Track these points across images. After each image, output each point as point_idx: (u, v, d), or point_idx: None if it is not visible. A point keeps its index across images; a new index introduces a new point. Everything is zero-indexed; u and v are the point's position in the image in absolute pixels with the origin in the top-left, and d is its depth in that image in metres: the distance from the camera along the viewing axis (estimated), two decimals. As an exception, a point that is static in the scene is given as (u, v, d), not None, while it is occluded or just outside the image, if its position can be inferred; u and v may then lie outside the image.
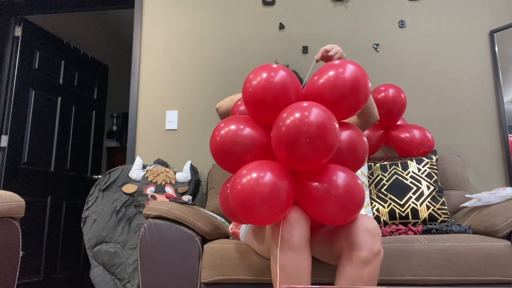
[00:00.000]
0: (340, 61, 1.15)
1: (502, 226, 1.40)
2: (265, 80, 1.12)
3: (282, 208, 1.06)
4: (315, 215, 1.11)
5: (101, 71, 3.66)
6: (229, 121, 1.19)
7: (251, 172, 1.06)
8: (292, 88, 1.13)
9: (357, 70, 1.12)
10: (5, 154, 2.70)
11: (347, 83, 1.10)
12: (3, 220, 1.24)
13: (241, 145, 1.14)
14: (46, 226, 2.94)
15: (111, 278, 2.01)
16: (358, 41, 2.41)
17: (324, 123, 1.02)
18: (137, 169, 2.19)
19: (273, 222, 1.08)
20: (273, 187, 1.04)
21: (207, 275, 1.41)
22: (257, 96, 1.12)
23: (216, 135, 1.17)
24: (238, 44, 2.50)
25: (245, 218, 1.07)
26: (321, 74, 1.15)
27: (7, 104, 2.77)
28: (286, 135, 1.03)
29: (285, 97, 1.12)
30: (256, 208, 1.03)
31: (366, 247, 1.11)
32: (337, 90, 1.11)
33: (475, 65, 2.30)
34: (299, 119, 1.02)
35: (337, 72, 1.12)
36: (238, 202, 1.05)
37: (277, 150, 1.08)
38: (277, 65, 1.16)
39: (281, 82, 1.11)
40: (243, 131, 1.15)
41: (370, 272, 1.11)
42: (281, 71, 1.13)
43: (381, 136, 2.06)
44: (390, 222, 1.82)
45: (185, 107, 2.47)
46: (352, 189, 1.07)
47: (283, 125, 1.04)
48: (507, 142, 2.17)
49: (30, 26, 2.96)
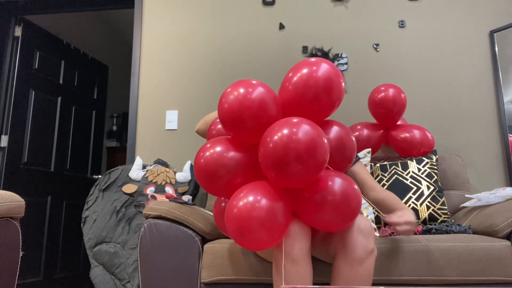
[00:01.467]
0: (316, 59, 1.12)
1: (502, 226, 1.40)
2: (243, 97, 1.07)
3: (280, 231, 1.04)
4: (313, 223, 1.10)
5: (101, 71, 3.66)
6: (215, 142, 1.15)
7: (246, 197, 1.03)
8: (271, 103, 1.09)
9: (331, 69, 1.10)
10: (5, 154, 2.70)
11: (319, 82, 1.08)
12: (3, 220, 1.24)
13: (226, 168, 1.10)
14: (46, 226, 2.94)
15: (111, 278, 2.01)
16: (358, 41, 2.41)
17: (314, 139, 0.99)
18: (137, 169, 2.19)
19: (271, 246, 1.07)
20: (269, 210, 1.01)
21: (207, 275, 1.41)
22: (233, 115, 1.07)
23: (201, 156, 1.13)
24: (238, 44, 2.50)
25: (243, 244, 1.04)
26: (295, 71, 1.12)
27: (7, 104, 2.77)
28: (274, 154, 0.99)
29: (266, 114, 1.08)
30: (253, 233, 1.01)
31: (360, 247, 1.12)
32: (310, 90, 1.08)
33: (475, 65, 2.30)
34: (287, 136, 0.98)
35: (311, 71, 1.09)
36: (235, 228, 1.03)
37: (266, 170, 1.04)
38: (253, 81, 1.12)
39: (260, 99, 1.07)
40: (228, 153, 1.11)
41: (365, 271, 1.13)
42: (259, 87, 1.09)
43: (381, 136, 2.06)
44: (390, 222, 1.82)
45: (185, 107, 2.47)
46: (348, 194, 1.06)
47: (270, 143, 1.00)
48: (507, 142, 2.17)
49: (30, 26, 2.96)
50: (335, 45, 2.42)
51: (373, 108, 2.01)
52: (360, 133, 2.05)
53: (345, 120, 2.31)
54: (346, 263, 1.13)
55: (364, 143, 2.03)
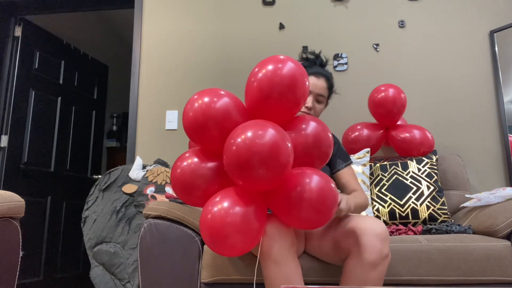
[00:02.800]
0: (284, 57, 1.12)
1: (502, 226, 1.40)
2: (206, 107, 1.09)
3: (255, 236, 1.04)
4: (291, 222, 1.08)
5: (101, 71, 3.66)
6: (192, 152, 1.16)
7: (220, 203, 1.03)
8: (234, 111, 1.10)
9: (295, 67, 1.09)
10: (5, 154, 2.70)
11: (284, 80, 1.07)
12: (3, 220, 1.24)
13: (203, 178, 1.11)
14: (46, 226, 2.94)
15: (111, 278, 2.01)
16: (358, 41, 2.41)
17: (276, 142, 0.98)
18: (137, 169, 2.19)
19: (246, 251, 1.06)
20: (244, 216, 1.01)
21: (207, 275, 1.41)
22: (197, 123, 1.09)
23: (178, 166, 1.14)
24: (238, 44, 2.50)
25: (218, 250, 1.04)
26: (260, 67, 1.12)
27: (7, 104, 2.77)
28: (236, 158, 0.98)
29: (229, 120, 1.09)
30: (228, 239, 1.00)
31: (375, 251, 1.11)
32: (275, 87, 1.07)
33: (475, 65, 2.30)
34: (250, 139, 0.98)
35: (275, 68, 1.08)
36: (209, 236, 1.03)
37: (232, 176, 1.03)
38: (224, 91, 1.14)
39: (224, 108, 1.09)
40: (205, 163, 1.12)
41: (378, 275, 1.12)
42: (225, 98, 1.11)
43: (381, 136, 2.06)
44: (390, 222, 1.82)
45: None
46: (324, 191, 1.04)
47: (232, 147, 1.00)
48: (507, 142, 2.17)
49: (30, 26, 2.96)
50: (335, 45, 2.42)
51: (373, 108, 2.01)
52: (360, 133, 2.05)
53: (345, 120, 2.31)
54: (359, 265, 1.12)
55: (364, 143, 2.03)
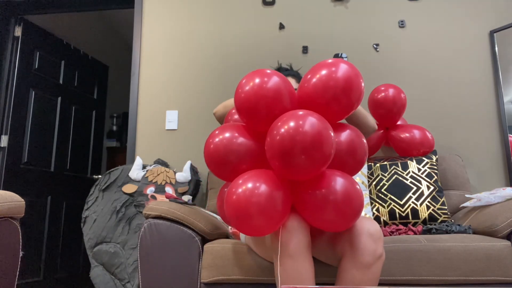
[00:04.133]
0: (333, 60, 1.12)
1: (502, 226, 1.40)
2: (258, 86, 1.09)
3: (278, 218, 1.04)
4: (314, 222, 1.09)
5: (101, 71, 3.66)
6: (223, 129, 1.17)
7: (246, 182, 1.03)
8: (286, 94, 1.10)
9: (350, 69, 1.10)
10: (5, 154, 2.70)
11: (339, 83, 1.08)
12: (3, 220, 1.24)
13: (236, 154, 1.11)
14: (46, 226, 2.94)
15: (111, 278, 2.01)
16: (358, 41, 2.41)
17: (320, 132, 0.99)
18: (137, 169, 2.19)
19: (270, 232, 1.07)
20: (269, 197, 1.01)
21: (207, 275, 1.41)
22: (249, 103, 1.09)
23: (210, 142, 1.15)
24: (238, 44, 2.50)
25: (241, 229, 1.05)
26: (313, 73, 1.12)
27: (7, 104, 2.77)
28: (280, 145, 1.00)
29: (279, 104, 1.09)
30: (252, 219, 1.01)
31: (368, 251, 1.11)
32: (329, 90, 1.08)
33: (475, 65, 2.30)
34: (294, 128, 0.99)
35: (330, 72, 1.09)
36: (233, 213, 1.03)
37: (271, 160, 1.05)
38: (271, 70, 1.13)
39: (275, 89, 1.08)
40: (237, 139, 1.12)
41: (372, 276, 1.11)
42: (275, 77, 1.10)
43: (381, 136, 2.06)
44: (390, 222, 1.82)
45: (185, 107, 2.47)
46: (351, 194, 1.05)
47: (277, 135, 1.01)
48: (507, 142, 2.17)
49: (30, 26, 2.96)
50: (335, 45, 2.42)
51: (373, 108, 2.01)
52: (360, 133, 2.05)
53: (345, 120, 2.31)
54: (353, 267, 1.12)
55: (364, 143, 2.03)
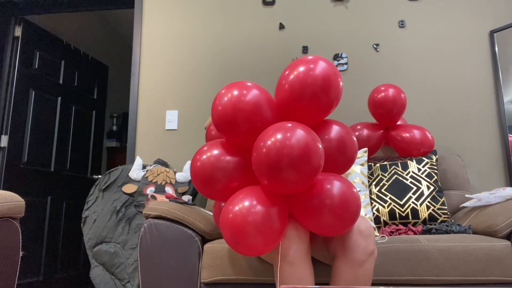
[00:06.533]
0: (313, 57, 1.08)
1: (502, 226, 1.40)
2: (236, 99, 1.04)
3: (276, 236, 1.03)
4: (311, 227, 1.08)
5: (101, 71, 3.66)
6: (212, 145, 1.13)
7: (242, 202, 1.01)
8: (266, 106, 1.06)
9: (328, 67, 1.06)
10: (5, 154, 2.70)
11: (317, 81, 1.04)
12: (3, 220, 1.24)
13: (224, 172, 1.08)
14: (46, 226, 2.94)
15: (111, 278, 2.01)
16: (358, 41, 2.41)
17: (307, 144, 0.95)
18: (137, 169, 2.19)
19: (267, 252, 1.05)
20: (265, 216, 0.99)
21: (207, 275, 1.41)
22: (227, 118, 1.04)
23: (197, 159, 1.11)
24: (238, 44, 2.50)
25: (238, 249, 1.03)
26: (291, 69, 1.08)
27: (7, 104, 2.77)
28: (267, 159, 0.96)
29: (260, 117, 1.05)
30: (249, 238, 0.99)
31: (360, 249, 1.12)
32: (308, 88, 1.04)
33: (475, 65, 2.30)
34: (281, 141, 0.95)
35: (308, 69, 1.05)
36: (230, 234, 1.01)
37: (260, 177, 1.01)
38: (247, 83, 1.09)
39: (254, 101, 1.03)
40: (225, 156, 1.09)
41: (365, 273, 1.12)
42: (254, 90, 1.06)
43: (381, 136, 2.06)
44: (390, 222, 1.82)
45: (185, 107, 2.47)
46: (347, 198, 1.04)
47: (263, 148, 0.97)
48: (507, 142, 2.17)
49: (30, 26, 2.96)
50: (335, 45, 2.42)
51: (373, 108, 2.01)
52: (360, 133, 2.05)
53: (345, 120, 2.31)
54: (346, 265, 1.12)
55: (364, 143, 2.03)
